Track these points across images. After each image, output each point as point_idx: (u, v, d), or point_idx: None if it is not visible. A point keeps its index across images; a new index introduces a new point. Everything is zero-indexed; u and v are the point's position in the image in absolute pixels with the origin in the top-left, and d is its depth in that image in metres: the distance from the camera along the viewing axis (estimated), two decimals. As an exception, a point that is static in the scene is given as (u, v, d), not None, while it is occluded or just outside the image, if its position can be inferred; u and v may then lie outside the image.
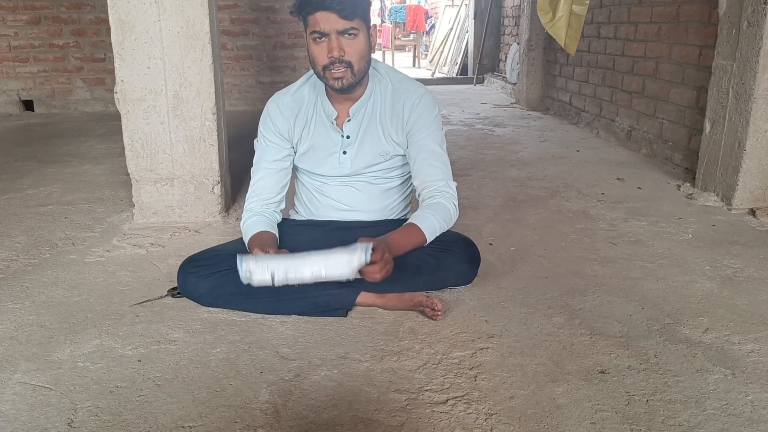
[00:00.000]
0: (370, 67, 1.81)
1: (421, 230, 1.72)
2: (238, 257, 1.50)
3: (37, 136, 4.58)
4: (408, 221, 1.76)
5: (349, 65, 1.69)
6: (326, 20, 1.63)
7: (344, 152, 1.85)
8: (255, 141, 1.93)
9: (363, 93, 1.82)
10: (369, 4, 1.71)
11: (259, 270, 1.39)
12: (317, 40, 1.67)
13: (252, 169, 1.92)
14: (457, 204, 1.81)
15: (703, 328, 1.69)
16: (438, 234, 1.78)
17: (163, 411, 1.34)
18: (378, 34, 1.78)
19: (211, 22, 2.39)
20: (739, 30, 2.63)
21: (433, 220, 1.74)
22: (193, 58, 2.38)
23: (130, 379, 1.45)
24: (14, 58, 5.59)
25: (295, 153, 1.92)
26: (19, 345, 1.61)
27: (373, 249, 1.54)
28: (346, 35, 1.65)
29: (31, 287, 1.96)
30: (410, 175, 1.91)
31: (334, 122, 1.84)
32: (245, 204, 1.91)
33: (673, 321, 1.73)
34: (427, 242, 1.76)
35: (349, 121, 1.83)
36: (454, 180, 1.85)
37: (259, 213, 1.87)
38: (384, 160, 1.87)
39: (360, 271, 1.55)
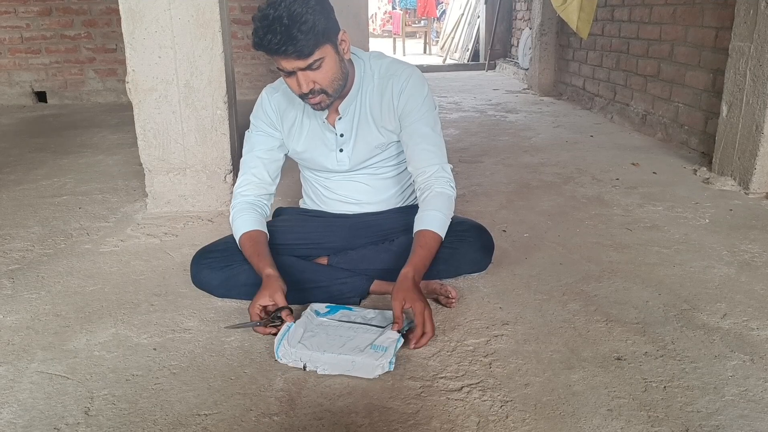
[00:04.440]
0: (356, 58, 1.76)
1: (434, 233, 1.67)
2: (276, 341, 1.48)
3: (51, 127, 4.60)
4: (418, 228, 1.68)
5: (323, 91, 1.62)
6: (287, 62, 1.55)
7: (341, 150, 1.82)
8: (246, 132, 1.88)
9: (350, 89, 1.75)
10: (327, 23, 1.55)
11: (291, 360, 1.45)
12: (285, 75, 1.61)
13: (242, 160, 1.86)
14: (453, 185, 1.76)
15: (721, 314, 1.67)
16: (447, 226, 1.74)
17: (178, 399, 1.34)
18: (345, 40, 1.63)
19: (221, 11, 2.38)
20: (756, 10, 2.58)
21: (440, 216, 1.70)
22: (203, 46, 2.38)
23: (146, 368, 1.46)
24: (26, 49, 5.61)
25: (287, 149, 1.88)
26: (35, 334, 1.62)
27: (406, 332, 1.52)
28: (310, 69, 1.57)
29: (46, 277, 1.97)
30: None
31: (326, 121, 1.79)
32: (235, 190, 1.84)
33: (690, 307, 1.71)
34: (443, 239, 1.72)
35: (340, 119, 1.78)
36: (451, 163, 1.79)
37: (251, 206, 1.80)
38: (381, 151, 1.84)
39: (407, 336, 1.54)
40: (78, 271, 2.02)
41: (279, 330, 1.53)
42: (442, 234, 1.69)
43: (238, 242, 1.76)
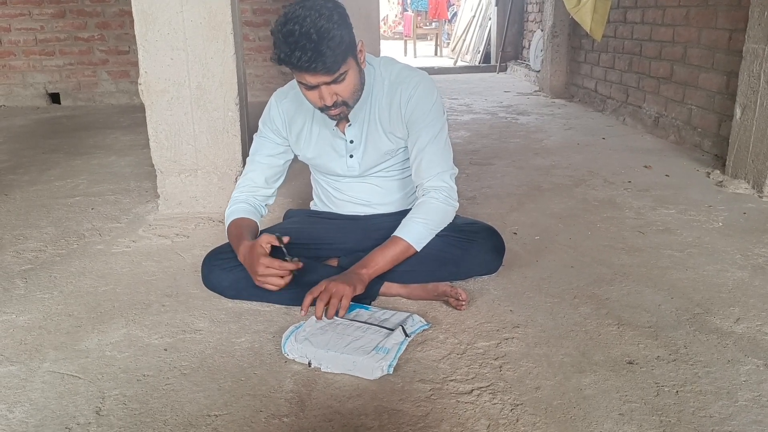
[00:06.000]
0: (367, 64, 1.74)
1: (403, 240, 1.69)
2: (284, 336, 1.53)
3: (64, 128, 4.64)
4: (395, 233, 1.71)
5: (344, 103, 1.62)
6: (313, 78, 1.55)
7: (351, 156, 1.82)
8: (255, 134, 1.90)
9: (360, 96, 1.74)
10: (350, 36, 1.55)
11: (298, 356, 1.48)
12: (306, 88, 1.60)
13: (247, 160, 1.90)
14: (449, 194, 1.75)
15: (734, 318, 1.65)
16: (430, 236, 1.74)
17: (189, 399, 1.35)
18: (362, 50, 1.64)
19: (233, 13, 2.39)
20: (771, 12, 2.56)
21: (417, 226, 1.71)
22: (215, 48, 2.39)
23: (157, 368, 1.47)
24: (41, 51, 5.66)
25: (294, 154, 1.89)
26: (47, 334, 1.63)
27: (412, 335, 1.56)
28: (335, 83, 1.57)
29: (59, 277, 1.98)
30: None
31: (336, 128, 1.79)
32: (233, 192, 1.89)
33: (703, 311, 1.70)
34: (418, 249, 1.72)
35: (350, 125, 1.78)
36: (461, 166, 1.79)
37: (243, 201, 1.85)
38: (391, 157, 1.84)
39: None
40: (90, 271, 2.03)
41: (294, 263, 1.63)
42: (413, 242, 1.71)
43: (226, 232, 1.79)
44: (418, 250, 1.73)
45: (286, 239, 1.65)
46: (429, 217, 1.73)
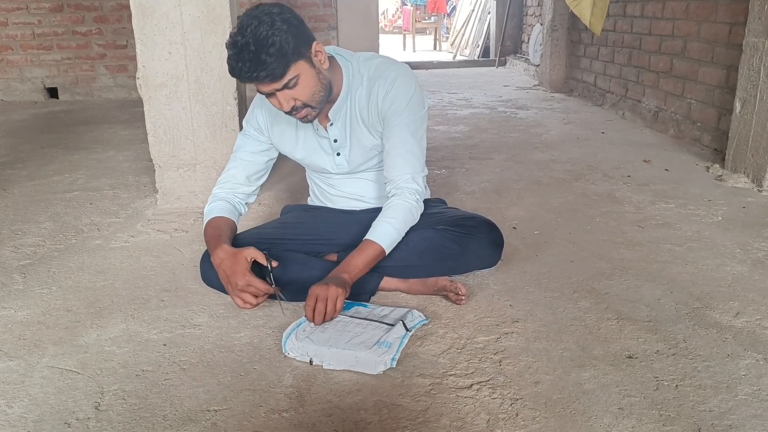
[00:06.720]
0: (344, 61, 1.73)
1: (377, 244, 1.67)
2: (285, 335, 1.51)
3: (62, 123, 4.63)
4: (367, 236, 1.69)
5: (306, 105, 1.61)
6: (263, 86, 1.55)
7: (338, 154, 1.82)
8: (240, 132, 1.89)
9: (339, 94, 1.73)
10: (297, 40, 1.53)
11: (299, 354, 1.47)
12: (265, 96, 1.60)
13: (230, 157, 1.89)
14: (420, 196, 1.74)
15: (734, 312, 1.65)
16: (399, 239, 1.72)
17: (188, 395, 1.35)
18: (321, 51, 1.62)
19: (232, 6, 2.38)
20: (771, 6, 2.55)
21: (390, 230, 1.69)
22: (213, 42, 2.38)
23: (156, 363, 1.46)
24: (38, 45, 5.65)
25: (278, 152, 1.88)
26: (46, 329, 1.63)
27: (413, 329, 1.56)
28: (288, 88, 1.56)
29: (57, 272, 1.98)
30: None
31: (318, 128, 1.78)
32: (213, 190, 1.87)
33: (702, 305, 1.70)
34: (387, 252, 1.69)
35: (331, 124, 1.77)
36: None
37: (222, 198, 1.83)
38: (378, 152, 1.82)
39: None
40: (89, 266, 2.03)
41: (274, 289, 1.64)
42: (386, 247, 1.68)
43: (203, 232, 1.78)
44: (387, 254, 1.71)
45: (275, 264, 1.65)
46: (403, 222, 1.71)
